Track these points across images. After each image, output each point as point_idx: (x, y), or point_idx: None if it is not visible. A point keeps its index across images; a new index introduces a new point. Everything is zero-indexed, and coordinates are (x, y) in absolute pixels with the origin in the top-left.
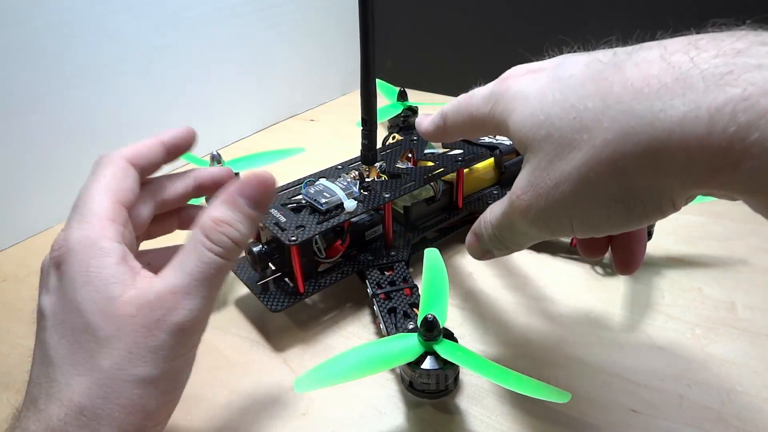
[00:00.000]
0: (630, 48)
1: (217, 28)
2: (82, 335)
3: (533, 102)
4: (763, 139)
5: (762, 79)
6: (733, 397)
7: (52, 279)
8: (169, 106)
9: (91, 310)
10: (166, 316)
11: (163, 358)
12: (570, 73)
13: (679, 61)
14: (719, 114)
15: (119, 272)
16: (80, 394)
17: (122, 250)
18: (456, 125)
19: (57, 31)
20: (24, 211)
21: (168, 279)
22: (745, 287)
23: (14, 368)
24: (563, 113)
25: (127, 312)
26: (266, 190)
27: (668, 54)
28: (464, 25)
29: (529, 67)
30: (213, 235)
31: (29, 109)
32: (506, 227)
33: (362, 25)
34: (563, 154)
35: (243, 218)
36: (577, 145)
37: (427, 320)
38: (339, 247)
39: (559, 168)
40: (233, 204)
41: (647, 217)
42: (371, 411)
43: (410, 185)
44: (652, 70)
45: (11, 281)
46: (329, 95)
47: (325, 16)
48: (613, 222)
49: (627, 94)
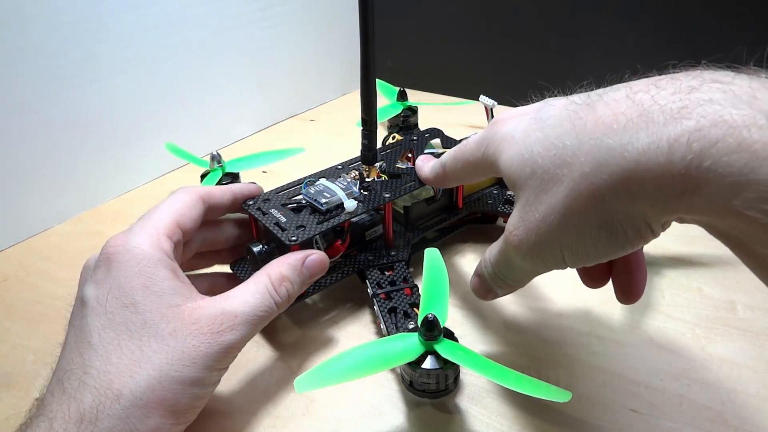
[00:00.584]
0: (601, 90)
1: (217, 28)
2: (136, 329)
3: (519, 142)
4: (715, 166)
5: (712, 111)
6: (733, 397)
7: (100, 272)
8: (169, 106)
9: (149, 309)
10: (223, 332)
11: (206, 367)
12: (549, 114)
13: (641, 99)
14: (677, 144)
15: (177, 285)
16: (121, 382)
17: (175, 266)
18: (454, 172)
19: (57, 31)
20: (24, 211)
21: (233, 304)
22: (745, 287)
23: (14, 368)
24: (544, 151)
25: (190, 319)
26: (322, 269)
27: (632, 93)
28: (464, 25)
29: (515, 111)
30: (278, 287)
31: (29, 109)
32: (504, 264)
33: (362, 25)
34: (548, 189)
35: (299, 282)
36: (559, 179)
37: (428, 320)
38: (339, 247)
39: (545, 201)
40: (297, 269)
41: (629, 243)
42: (371, 411)
43: (410, 185)
44: (619, 108)
45: (11, 281)
46: (329, 95)
47: (325, 16)
48: (600, 250)
49: (599, 130)
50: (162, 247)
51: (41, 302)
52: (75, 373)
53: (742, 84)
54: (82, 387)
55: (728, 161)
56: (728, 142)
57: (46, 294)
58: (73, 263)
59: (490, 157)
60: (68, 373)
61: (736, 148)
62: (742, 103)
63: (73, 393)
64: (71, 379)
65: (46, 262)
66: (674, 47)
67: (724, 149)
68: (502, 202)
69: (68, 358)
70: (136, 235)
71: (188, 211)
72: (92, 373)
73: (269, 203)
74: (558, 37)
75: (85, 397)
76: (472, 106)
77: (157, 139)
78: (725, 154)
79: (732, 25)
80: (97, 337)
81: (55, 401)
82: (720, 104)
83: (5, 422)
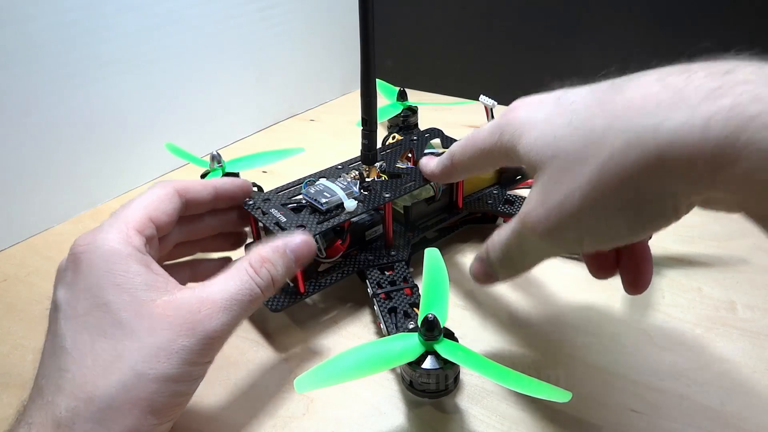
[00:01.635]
0: (627, 76)
1: (217, 28)
2: (110, 329)
3: (541, 126)
4: (753, 141)
5: (749, 90)
6: (733, 397)
7: (70, 274)
8: (169, 106)
9: (122, 308)
10: (201, 322)
11: (185, 361)
12: (572, 100)
13: (674, 82)
14: (712, 121)
15: (151, 279)
16: (94, 384)
17: (147, 259)
18: (463, 162)
19: (57, 31)
20: (24, 211)
21: (210, 292)
22: (745, 287)
23: (14, 368)
24: (570, 134)
25: (164, 313)
26: (309, 252)
27: (664, 76)
28: (464, 25)
29: (531, 99)
30: (259, 270)
31: (29, 109)
32: (516, 246)
33: (362, 25)
34: (572, 169)
35: (283, 264)
36: (584, 160)
37: (428, 320)
38: (339, 246)
39: (569, 183)
40: (279, 251)
41: (651, 224)
42: (371, 411)
43: (410, 185)
44: (651, 90)
45: (11, 281)
46: (329, 95)
47: (325, 16)
48: (622, 231)
49: (629, 111)
50: (131, 242)
51: (41, 302)
52: (52, 378)
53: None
54: (58, 392)
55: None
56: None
57: (46, 294)
58: None
59: (506, 144)
60: (45, 379)
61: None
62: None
63: (51, 398)
64: (49, 384)
65: (46, 262)
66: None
67: (761, 124)
68: (502, 202)
69: (46, 363)
70: (104, 232)
71: (162, 205)
72: (67, 377)
73: (269, 203)
74: (558, 37)
75: (61, 402)
76: (472, 106)
77: (157, 139)
78: (763, 128)
79: (735, 21)
80: (71, 341)
81: (35, 407)
82: (755, 84)
83: (5, 422)
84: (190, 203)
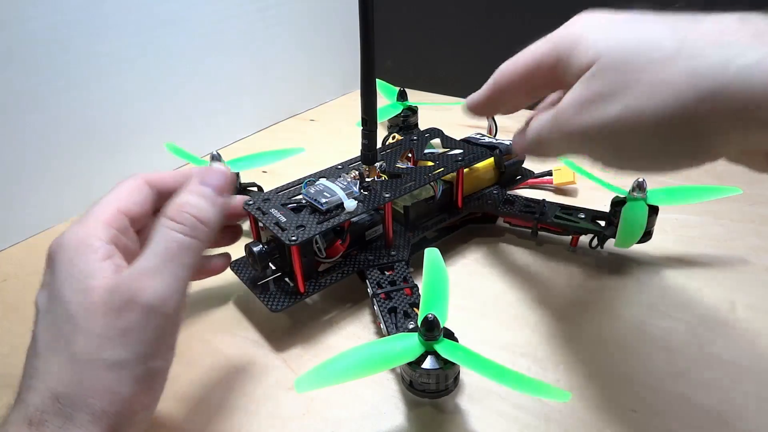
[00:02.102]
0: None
1: (217, 28)
2: (64, 324)
3: (607, 28)
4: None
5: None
6: (733, 397)
7: (46, 275)
8: (169, 105)
9: (71, 300)
10: (135, 296)
11: (135, 341)
12: (644, 19)
13: (756, 22)
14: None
15: (100, 267)
16: (56, 381)
17: (108, 249)
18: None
19: (57, 31)
20: (24, 211)
21: (137, 263)
22: (745, 287)
23: (14, 368)
24: (637, 47)
25: (100, 298)
26: (224, 177)
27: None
28: (464, 25)
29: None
30: (177, 216)
31: (29, 109)
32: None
33: (362, 25)
34: (628, 83)
35: (205, 201)
36: (644, 78)
37: (428, 320)
38: (339, 246)
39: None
40: (196, 191)
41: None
42: (371, 411)
43: (410, 185)
44: (730, 26)
45: (11, 281)
46: (329, 95)
47: (325, 16)
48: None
49: (703, 41)
50: (98, 235)
51: None
52: (26, 378)
53: None
54: (29, 391)
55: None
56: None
57: None
58: None
59: (564, 50)
60: (23, 379)
61: None
62: None
63: (24, 397)
64: (24, 385)
65: None
66: None
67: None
68: (502, 202)
69: (26, 362)
70: (72, 231)
71: (132, 197)
72: (37, 376)
73: (269, 203)
74: None
75: (31, 401)
76: None
77: (157, 139)
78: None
79: None
80: (41, 341)
81: (15, 409)
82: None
83: None
84: (163, 192)
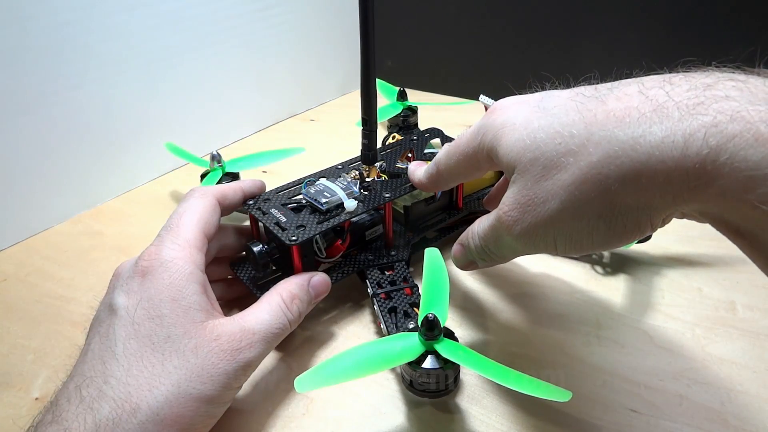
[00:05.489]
0: (609, 84)
1: (217, 28)
2: (159, 342)
3: (520, 129)
4: (732, 160)
5: (729, 108)
6: (733, 397)
7: (134, 283)
8: (169, 106)
9: (174, 323)
10: (242, 351)
11: (223, 385)
12: (554, 104)
13: (655, 95)
14: (692, 138)
15: (203, 301)
16: (140, 396)
17: (205, 280)
18: (449, 168)
19: (57, 31)
20: (24, 211)
21: (249, 322)
22: (745, 287)
23: (14, 368)
24: (549, 139)
25: (211, 336)
26: (326, 288)
27: (646, 89)
28: (464, 25)
29: (513, 99)
30: (289, 304)
31: (29, 108)
32: (493, 240)
33: (362, 25)
34: (549, 175)
35: (307, 300)
36: (563, 167)
37: (428, 319)
38: (339, 246)
39: (546, 187)
40: (305, 288)
41: (626, 235)
42: (371, 411)
43: (410, 185)
44: (632, 102)
45: (11, 281)
46: (329, 95)
47: (326, 16)
48: (595, 239)
49: (610, 123)
50: (194, 260)
51: (41, 302)
52: (95, 381)
53: (757, 83)
54: (101, 397)
55: (745, 155)
56: (745, 137)
57: (46, 294)
58: (73, 263)
59: (488, 145)
60: (87, 381)
61: (753, 142)
62: (759, 99)
63: (91, 402)
64: (90, 387)
65: (46, 262)
66: (675, 46)
67: (741, 144)
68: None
69: (89, 364)
70: (170, 249)
71: (210, 218)
72: (112, 383)
73: (269, 203)
74: (558, 36)
75: (102, 408)
76: (472, 106)
77: (157, 139)
78: (742, 149)
79: (734, 24)
80: (122, 347)
81: (72, 409)
82: (736, 101)
83: (4, 421)
84: (226, 209)
